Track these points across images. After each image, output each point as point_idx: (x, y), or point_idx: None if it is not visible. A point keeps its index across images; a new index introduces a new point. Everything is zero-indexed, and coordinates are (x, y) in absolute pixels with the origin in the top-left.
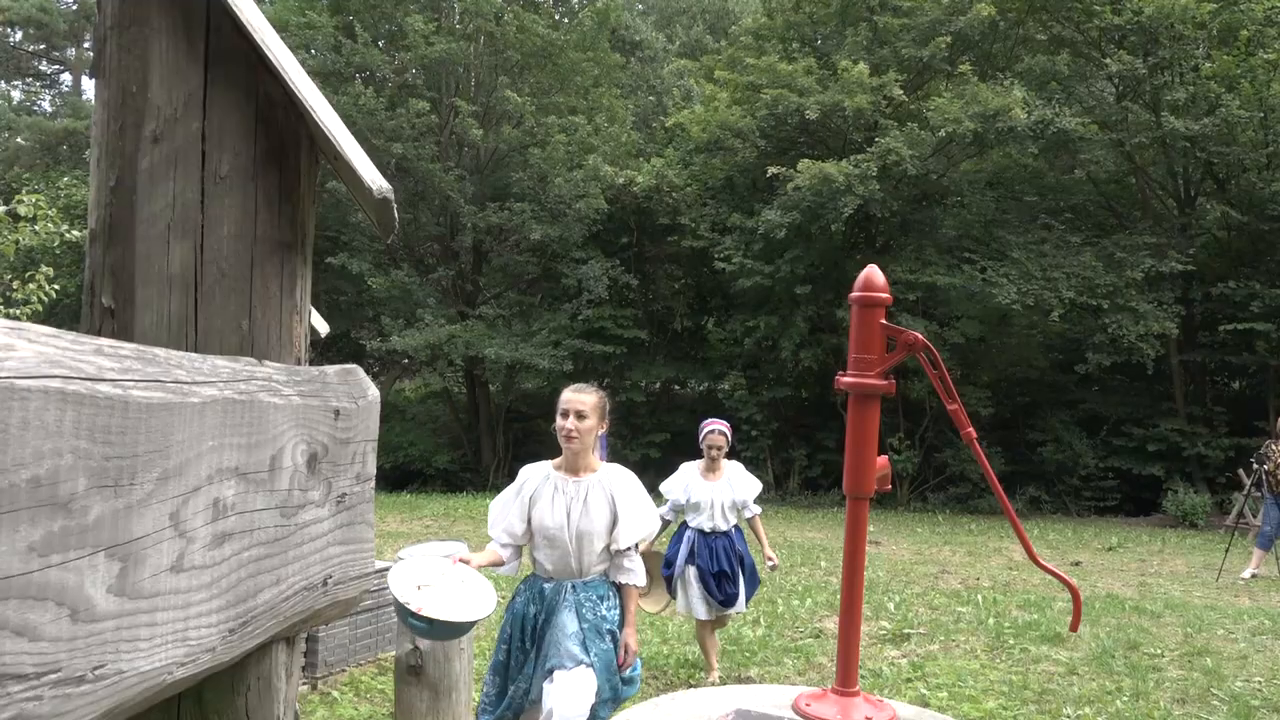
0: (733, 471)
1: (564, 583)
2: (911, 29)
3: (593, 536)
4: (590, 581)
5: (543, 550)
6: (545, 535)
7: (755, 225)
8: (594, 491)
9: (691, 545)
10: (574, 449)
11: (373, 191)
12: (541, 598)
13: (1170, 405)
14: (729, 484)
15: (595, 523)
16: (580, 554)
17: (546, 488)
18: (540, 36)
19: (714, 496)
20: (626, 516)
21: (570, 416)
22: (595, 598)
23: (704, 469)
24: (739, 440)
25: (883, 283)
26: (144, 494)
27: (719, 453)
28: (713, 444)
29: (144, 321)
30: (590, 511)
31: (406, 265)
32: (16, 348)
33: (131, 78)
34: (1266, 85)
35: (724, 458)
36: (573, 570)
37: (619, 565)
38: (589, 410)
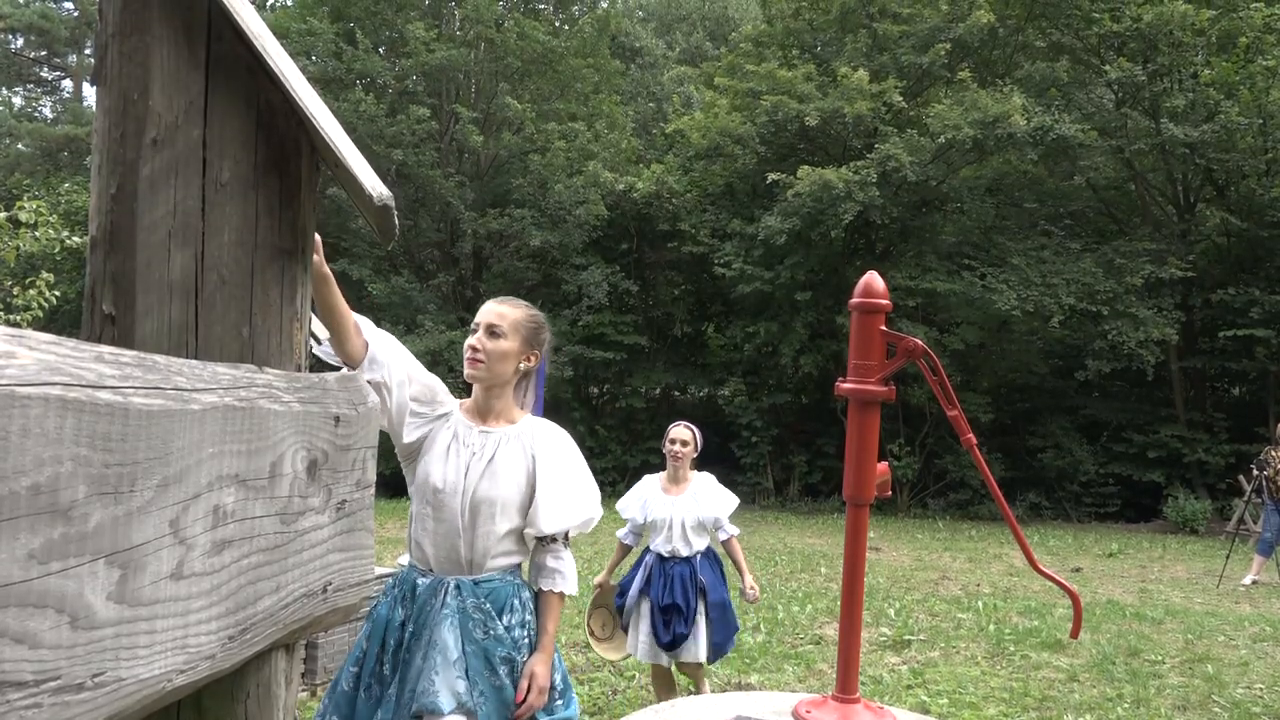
0: (701, 484)
1: (446, 580)
2: (911, 36)
3: (495, 508)
4: (486, 581)
5: (422, 523)
6: (427, 498)
7: (755, 231)
8: (507, 447)
9: (649, 572)
10: (479, 378)
11: (373, 199)
12: (413, 599)
13: (1170, 411)
14: (694, 499)
15: (502, 488)
16: (474, 534)
17: (442, 433)
18: (540, 43)
19: (674, 513)
20: (552, 489)
21: (480, 331)
22: (490, 606)
23: (666, 480)
24: (738, 447)
25: (882, 289)
26: (144, 501)
27: (683, 460)
28: (675, 450)
29: (144, 328)
30: (498, 473)
31: (407, 271)
32: (17, 355)
33: (133, 85)
34: (1265, 92)
35: (693, 467)
36: (461, 560)
37: (539, 562)
38: (507, 327)
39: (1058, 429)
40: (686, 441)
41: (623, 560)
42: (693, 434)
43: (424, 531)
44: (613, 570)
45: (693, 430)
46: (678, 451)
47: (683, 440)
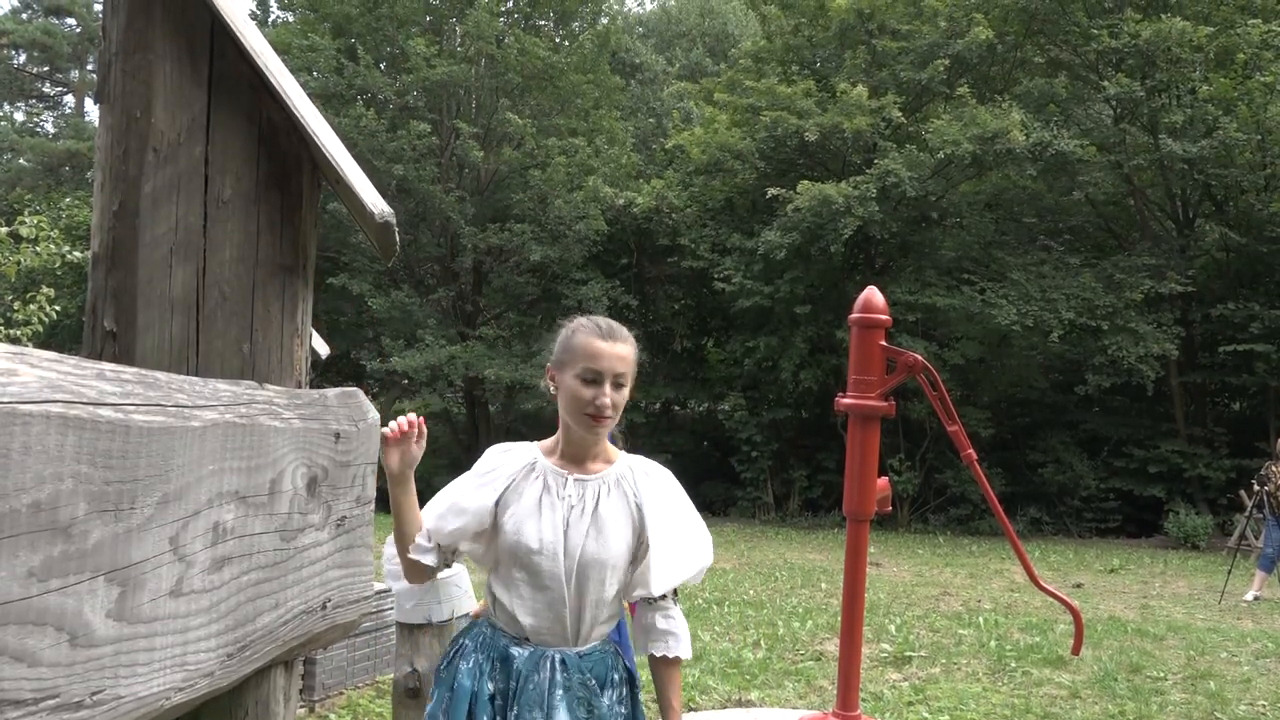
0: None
1: (549, 653)
2: (910, 52)
3: (605, 572)
4: (589, 653)
5: (514, 589)
6: (524, 563)
7: (755, 246)
8: (610, 498)
9: None
10: (603, 433)
11: (374, 215)
12: (507, 672)
13: (1171, 426)
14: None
15: (612, 547)
16: (582, 603)
17: (531, 485)
18: (541, 59)
19: None
20: (666, 544)
21: (606, 384)
22: (594, 682)
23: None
24: (738, 461)
25: (882, 304)
26: (144, 518)
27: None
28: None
29: (145, 344)
30: (604, 529)
31: (407, 286)
32: (19, 373)
33: (135, 103)
34: (1264, 108)
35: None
36: (566, 631)
37: (647, 624)
38: (629, 372)
39: (1058, 444)
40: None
41: None
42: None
43: (518, 600)
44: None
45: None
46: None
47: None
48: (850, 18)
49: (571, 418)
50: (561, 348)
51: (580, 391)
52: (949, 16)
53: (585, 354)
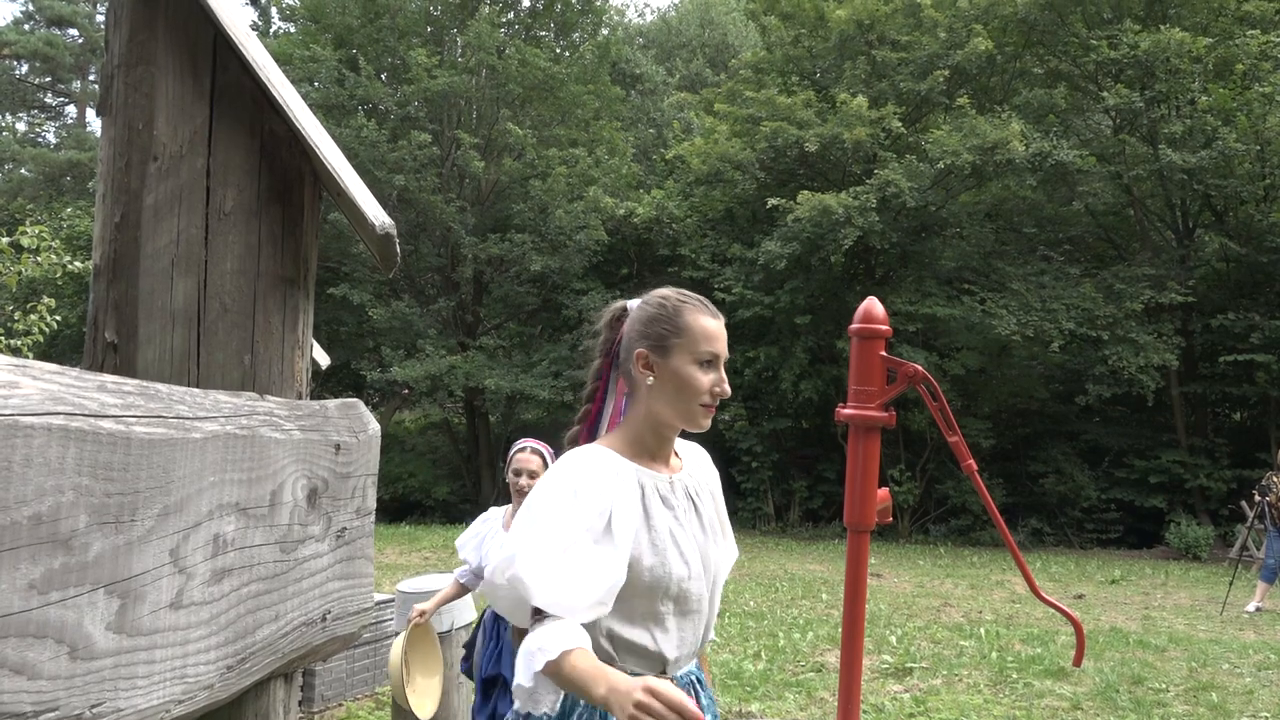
0: None
1: (687, 678)
2: (909, 63)
3: (726, 573)
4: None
5: (659, 623)
6: (674, 593)
7: (755, 256)
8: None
9: (485, 633)
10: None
11: (375, 227)
12: None
13: (1171, 437)
14: None
15: (725, 546)
16: (713, 612)
17: (653, 505)
18: (541, 70)
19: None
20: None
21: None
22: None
23: (509, 517)
24: (739, 472)
25: (882, 314)
26: (144, 530)
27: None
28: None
29: (147, 356)
30: (714, 529)
31: (407, 296)
32: (21, 385)
33: (138, 115)
34: (1263, 118)
35: None
36: (697, 650)
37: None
38: None
39: (1059, 454)
40: (535, 472)
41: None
42: (543, 459)
43: (662, 633)
44: (440, 604)
45: (544, 454)
46: (524, 486)
47: (530, 470)
48: (850, 29)
49: (680, 408)
50: (664, 328)
51: (698, 377)
52: (948, 28)
53: (703, 334)
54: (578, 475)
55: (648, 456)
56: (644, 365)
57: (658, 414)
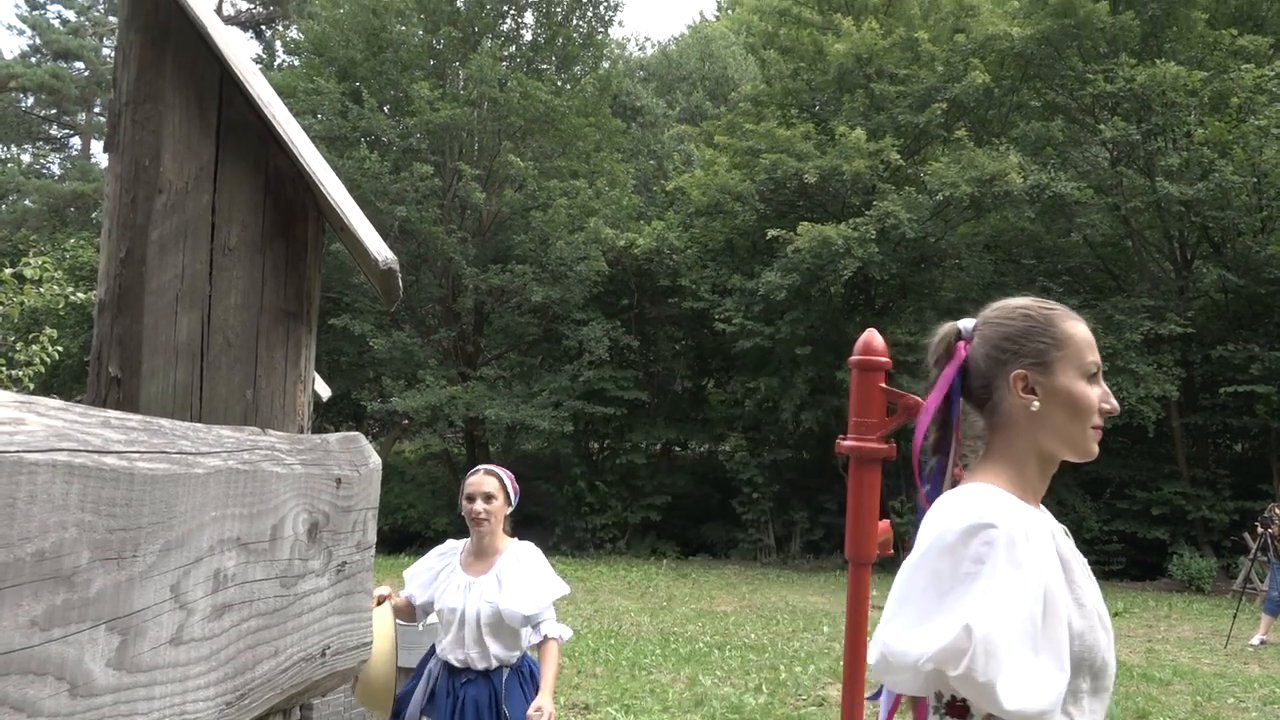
0: (512, 562)
1: None
2: (908, 96)
3: None
4: None
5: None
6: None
7: (755, 287)
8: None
9: (432, 685)
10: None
11: (378, 263)
12: None
13: (1173, 468)
14: (496, 583)
15: None
16: None
17: (1063, 551)
18: (543, 102)
19: (467, 604)
20: None
21: None
22: None
23: (468, 553)
24: (739, 503)
25: (882, 346)
26: (146, 566)
27: (488, 524)
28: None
29: (150, 390)
30: None
31: (408, 326)
32: (26, 421)
33: (144, 152)
34: (1259, 151)
35: (508, 531)
36: None
37: None
38: None
39: (1060, 485)
40: (492, 495)
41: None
42: (502, 483)
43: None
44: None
45: (501, 478)
46: (480, 512)
47: (485, 494)
48: (848, 62)
49: (1071, 432)
50: (1043, 341)
51: (1090, 394)
52: (946, 61)
53: (1086, 343)
54: (1011, 534)
55: (1032, 497)
56: (1025, 388)
57: (1045, 444)
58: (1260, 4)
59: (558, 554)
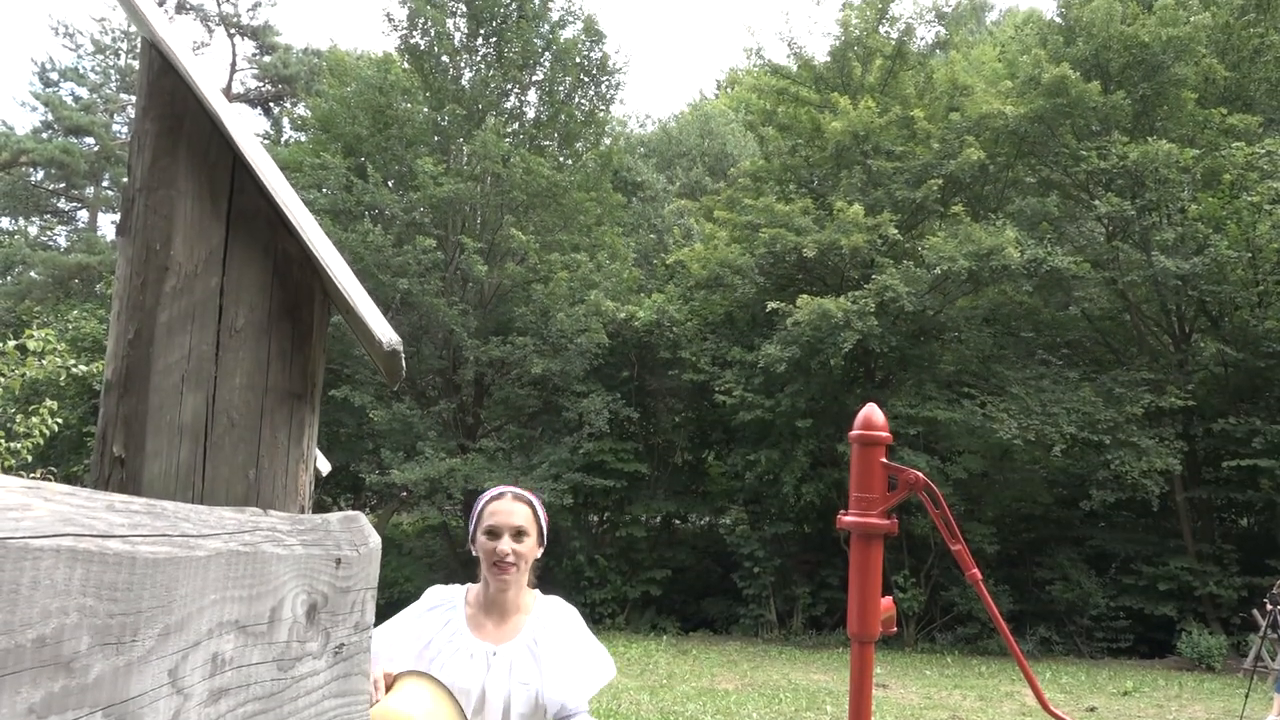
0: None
1: None
2: (904, 172)
3: None
4: None
5: None
6: None
7: (755, 359)
8: None
9: None
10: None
11: (383, 344)
12: None
13: (1179, 543)
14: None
15: None
16: None
17: None
18: (545, 177)
19: (489, 684)
20: None
21: None
22: None
23: (477, 607)
24: (740, 577)
25: (882, 421)
26: (144, 651)
27: (513, 573)
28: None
29: (153, 470)
30: None
31: (408, 398)
32: (33, 507)
33: (156, 236)
34: (1252, 226)
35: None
36: None
37: None
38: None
39: (1065, 560)
40: (524, 531)
41: None
42: (535, 516)
43: None
44: None
45: (535, 507)
46: (506, 554)
47: (515, 528)
48: (845, 139)
49: None
50: None
51: None
52: (941, 139)
53: None
54: None
55: None
56: None
57: None
58: (1248, 85)
59: None
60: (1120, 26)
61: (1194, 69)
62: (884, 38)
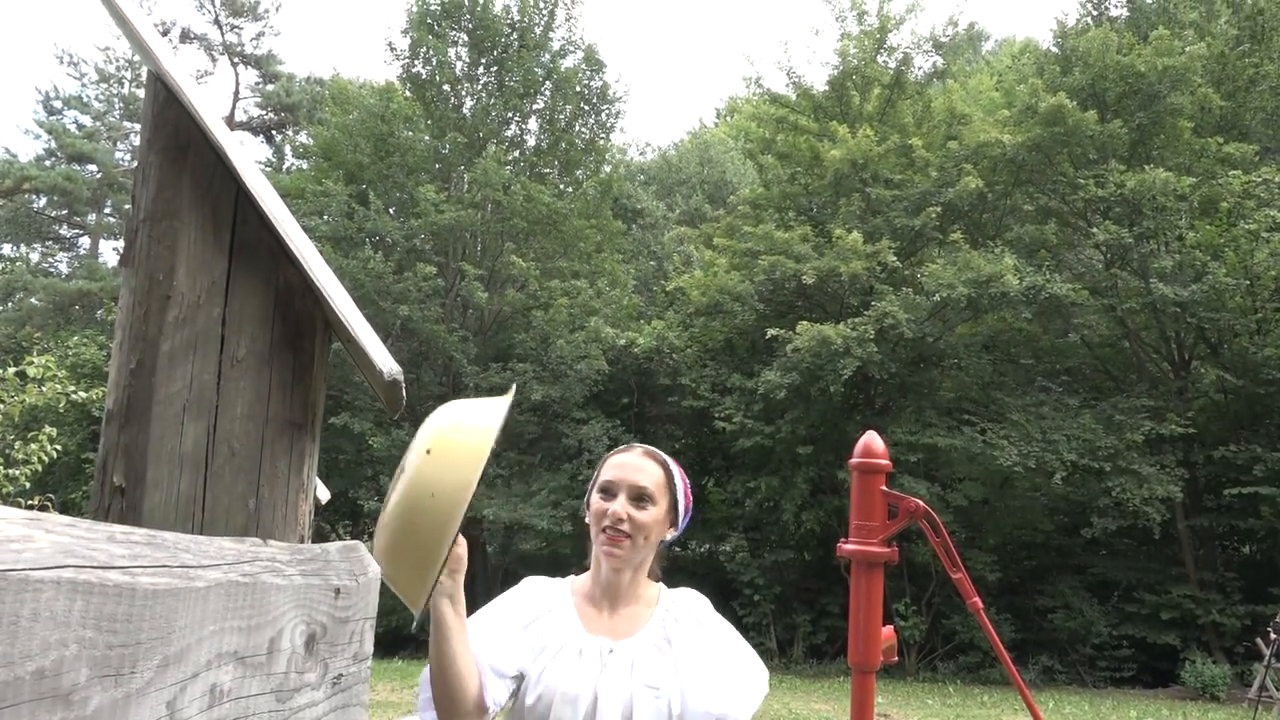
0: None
1: None
2: (903, 200)
3: None
4: None
5: None
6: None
7: (755, 386)
8: None
9: None
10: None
11: (383, 374)
12: None
13: (1181, 570)
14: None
15: None
16: None
17: None
18: (546, 205)
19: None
20: None
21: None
22: None
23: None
24: (740, 605)
25: (881, 449)
26: (143, 682)
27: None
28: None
29: (153, 500)
30: None
31: (408, 425)
32: (34, 539)
33: (159, 267)
34: (1250, 254)
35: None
36: None
37: None
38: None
39: (1067, 588)
40: (647, 496)
41: None
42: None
43: None
44: None
45: (670, 469)
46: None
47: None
48: (844, 167)
49: None
50: None
51: None
52: (939, 167)
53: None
54: None
55: None
56: None
57: None
58: (1243, 114)
59: None
60: (1116, 56)
61: (1190, 98)
62: (882, 67)
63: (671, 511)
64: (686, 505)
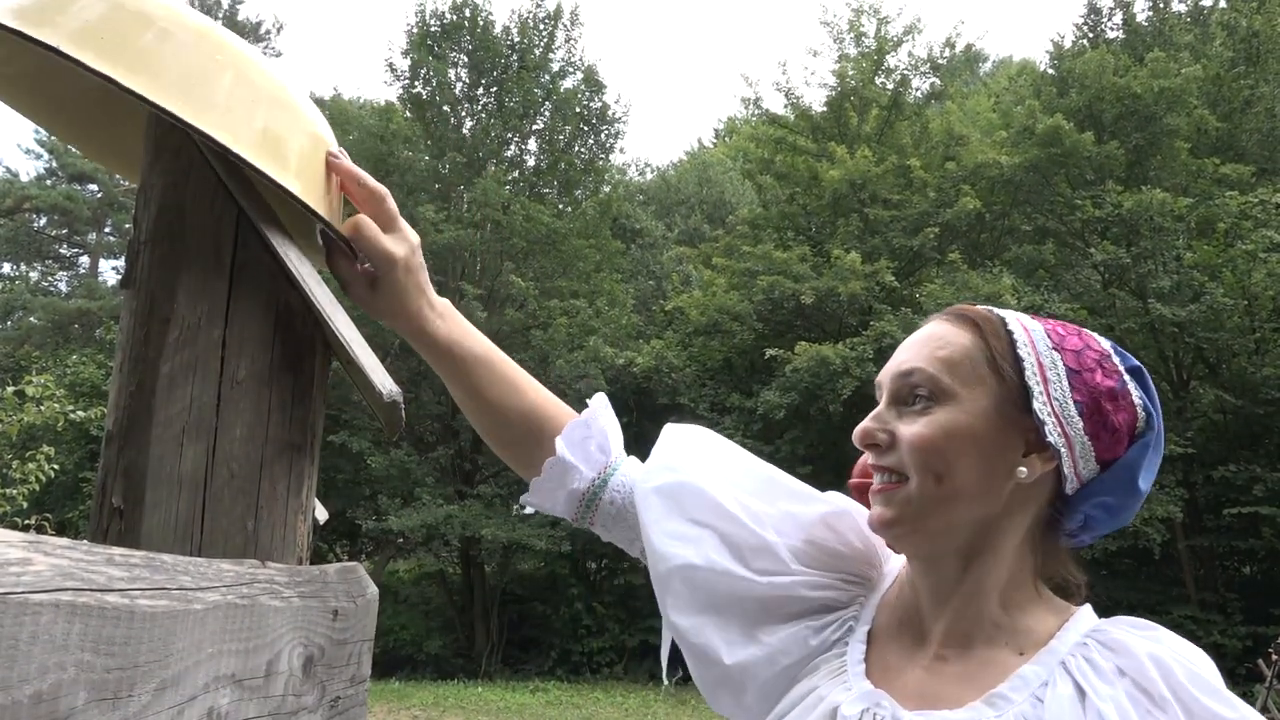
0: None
1: None
2: (901, 220)
3: None
4: None
5: None
6: None
7: (754, 406)
8: None
9: None
10: None
11: (383, 395)
12: None
13: (1182, 591)
14: None
15: None
16: None
17: None
18: (545, 225)
19: None
20: None
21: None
22: None
23: (900, 598)
24: None
25: None
26: (140, 706)
27: (891, 476)
28: (858, 432)
29: (151, 521)
30: None
31: (406, 444)
32: (34, 561)
33: (160, 289)
34: (1248, 274)
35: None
36: None
37: None
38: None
39: None
40: (930, 384)
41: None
42: (983, 342)
43: None
44: None
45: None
46: (869, 432)
47: (903, 374)
48: (843, 188)
49: None
50: None
51: None
52: (937, 187)
53: None
54: None
55: None
56: None
57: None
58: (1239, 135)
59: (554, 678)
60: (1112, 78)
61: (1186, 120)
62: (880, 88)
63: (1020, 409)
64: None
